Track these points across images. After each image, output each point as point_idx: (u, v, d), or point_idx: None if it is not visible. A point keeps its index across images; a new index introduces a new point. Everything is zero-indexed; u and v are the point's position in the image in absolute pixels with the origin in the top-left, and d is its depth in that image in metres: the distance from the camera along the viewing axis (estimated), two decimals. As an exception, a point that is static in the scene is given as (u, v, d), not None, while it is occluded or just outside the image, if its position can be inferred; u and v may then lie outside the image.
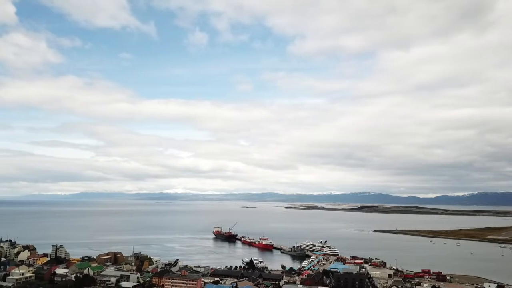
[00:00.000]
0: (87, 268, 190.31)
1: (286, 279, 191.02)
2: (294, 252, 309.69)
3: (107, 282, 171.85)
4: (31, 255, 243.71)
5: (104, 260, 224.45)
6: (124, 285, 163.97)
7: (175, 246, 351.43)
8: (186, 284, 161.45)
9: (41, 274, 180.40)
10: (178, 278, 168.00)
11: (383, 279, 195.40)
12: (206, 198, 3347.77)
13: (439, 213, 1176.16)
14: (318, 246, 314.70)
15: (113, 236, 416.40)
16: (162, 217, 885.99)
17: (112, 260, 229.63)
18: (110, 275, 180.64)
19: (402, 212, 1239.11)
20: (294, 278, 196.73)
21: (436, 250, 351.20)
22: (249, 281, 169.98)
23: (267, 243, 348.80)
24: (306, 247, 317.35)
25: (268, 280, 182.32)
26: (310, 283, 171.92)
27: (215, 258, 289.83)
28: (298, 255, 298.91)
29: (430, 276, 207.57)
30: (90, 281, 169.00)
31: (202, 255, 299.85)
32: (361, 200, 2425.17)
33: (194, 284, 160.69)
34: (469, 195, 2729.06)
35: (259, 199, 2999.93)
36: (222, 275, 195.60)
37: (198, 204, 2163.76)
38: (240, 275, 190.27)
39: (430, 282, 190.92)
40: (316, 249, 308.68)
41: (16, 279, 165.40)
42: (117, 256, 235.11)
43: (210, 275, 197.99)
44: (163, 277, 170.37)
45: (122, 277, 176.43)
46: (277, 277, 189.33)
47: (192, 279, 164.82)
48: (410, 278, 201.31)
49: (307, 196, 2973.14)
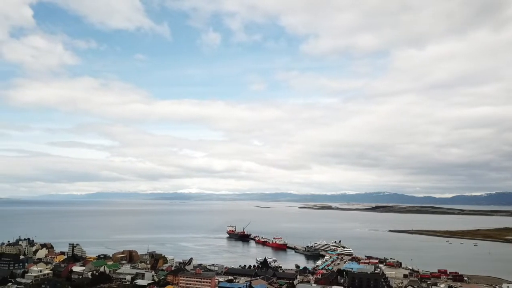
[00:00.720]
0: (103, 266, 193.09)
1: (300, 278, 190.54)
2: (308, 251, 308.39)
3: (122, 280, 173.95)
4: (48, 253, 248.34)
5: (119, 258, 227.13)
6: (139, 283, 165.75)
7: (189, 245, 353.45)
8: (200, 282, 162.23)
9: (59, 271, 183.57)
10: (192, 276, 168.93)
11: (399, 279, 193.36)
12: (219, 198, 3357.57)
13: (456, 213, 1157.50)
14: (332, 245, 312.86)
15: (128, 235, 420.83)
16: (176, 216, 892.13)
17: (127, 258, 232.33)
18: (126, 273, 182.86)
19: (418, 212, 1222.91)
20: (308, 277, 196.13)
21: (453, 250, 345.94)
22: (263, 280, 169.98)
23: (280, 242, 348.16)
24: (320, 247, 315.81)
25: (282, 279, 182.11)
26: (324, 282, 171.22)
27: (229, 257, 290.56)
28: (312, 255, 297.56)
29: (446, 276, 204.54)
30: (106, 278, 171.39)
31: (216, 254, 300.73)
32: (376, 200, 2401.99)
33: (208, 282, 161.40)
34: (486, 195, 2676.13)
35: (272, 199, 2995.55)
36: (236, 274, 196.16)
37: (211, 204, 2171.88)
38: (254, 274, 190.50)
39: (446, 283, 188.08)
40: (330, 249, 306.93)
41: (35, 276, 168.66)
42: (132, 255, 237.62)
43: (224, 273, 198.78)
44: (177, 275, 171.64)
45: (137, 275, 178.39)
46: (291, 276, 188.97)
47: (206, 277, 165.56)
48: (426, 278, 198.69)
49: (320, 196, 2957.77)
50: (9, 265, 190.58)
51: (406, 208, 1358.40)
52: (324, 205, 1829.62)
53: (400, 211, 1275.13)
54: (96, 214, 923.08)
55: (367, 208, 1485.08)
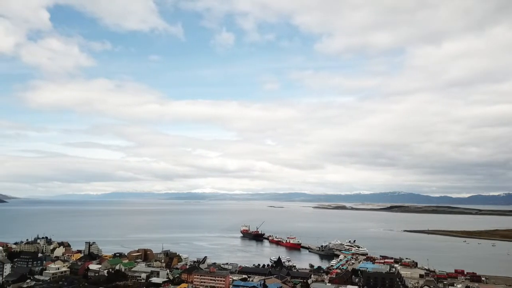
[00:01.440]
0: (119, 264, 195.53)
1: (314, 277, 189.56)
2: (322, 251, 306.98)
3: (138, 277, 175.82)
4: (66, 251, 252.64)
5: (135, 257, 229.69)
6: (154, 281, 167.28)
7: (203, 244, 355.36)
8: (214, 280, 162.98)
9: (76, 269, 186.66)
10: (206, 274, 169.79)
11: (414, 279, 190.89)
12: (233, 197, 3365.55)
13: (473, 213, 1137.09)
14: (346, 245, 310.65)
15: (143, 234, 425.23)
16: (191, 216, 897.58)
17: (142, 257, 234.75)
18: (141, 271, 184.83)
19: (434, 212, 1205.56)
20: (322, 276, 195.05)
21: (470, 251, 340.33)
22: (277, 279, 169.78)
23: (294, 242, 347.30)
24: (335, 247, 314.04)
25: (296, 278, 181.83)
26: (339, 281, 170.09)
27: (242, 256, 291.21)
28: (326, 254, 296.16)
29: (464, 276, 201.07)
30: (122, 276, 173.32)
31: (230, 253, 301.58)
32: (391, 200, 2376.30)
33: (222, 280, 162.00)
34: (505, 194, 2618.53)
35: (286, 199, 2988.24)
36: (250, 273, 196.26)
37: (225, 204, 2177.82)
38: (268, 273, 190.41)
39: (464, 283, 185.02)
40: (344, 249, 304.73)
41: (52, 273, 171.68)
42: (147, 253, 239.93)
43: (238, 272, 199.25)
44: (192, 274, 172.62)
45: (152, 273, 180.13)
46: (305, 275, 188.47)
47: (220, 275, 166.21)
48: (443, 278, 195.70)
49: (335, 196, 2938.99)
50: (27, 263, 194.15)
51: (422, 208, 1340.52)
52: (338, 205, 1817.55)
53: (416, 211, 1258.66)
54: (111, 214, 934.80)
55: (382, 208, 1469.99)
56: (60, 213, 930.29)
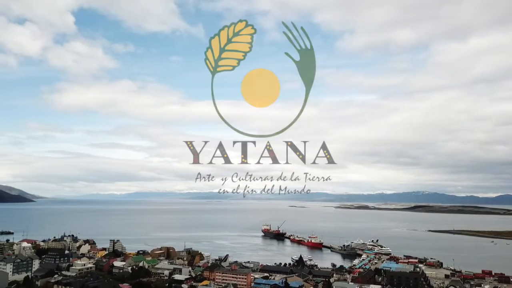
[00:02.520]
0: (142, 261, 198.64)
1: (336, 277, 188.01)
2: (345, 250, 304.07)
3: (161, 274, 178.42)
4: (91, 248, 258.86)
5: (157, 254, 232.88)
6: (177, 278, 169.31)
7: (224, 243, 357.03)
8: (236, 278, 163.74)
9: (101, 265, 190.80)
10: (228, 272, 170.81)
11: (440, 279, 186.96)
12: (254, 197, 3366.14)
13: (501, 213, 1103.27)
14: (369, 245, 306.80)
15: (165, 233, 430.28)
16: (212, 215, 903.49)
17: (165, 254, 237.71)
18: (164, 268, 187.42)
19: (460, 212, 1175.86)
20: (344, 276, 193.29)
21: (498, 251, 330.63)
22: (299, 277, 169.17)
23: (316, 241, 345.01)
24: (357, 246, 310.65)
25: (318, 277, 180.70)
26: (362, 281, 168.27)
27: (264, 255, 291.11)
28: (348, 254, 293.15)
29: (491, 277, 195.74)
30: (145, 273, 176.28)
31: (251, 252, 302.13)
32: (415, 199, 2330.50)
33: (244, 278, 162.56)
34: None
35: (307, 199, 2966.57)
36: (272, 271, 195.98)
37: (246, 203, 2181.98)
38: (290, 271, 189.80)
39: (491, 284, 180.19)
40: (367, 248, 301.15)
41: (79, 269, 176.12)
42: (170, 251, 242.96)
43: (260, 270, 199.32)
44: (213, 271, 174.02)
45: (175, 270, 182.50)
46: (327, 274, 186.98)
47: (242, 273, 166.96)
48: (469, 279, 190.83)
49: (357, 196, 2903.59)
50: (55, 259, 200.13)
51: (447, 208, 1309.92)
52: (360, 204, 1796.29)
53: (441, 211, 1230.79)
54: (135, 213, 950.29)
55: (405, 208, 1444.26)
56: (86, 212, 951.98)
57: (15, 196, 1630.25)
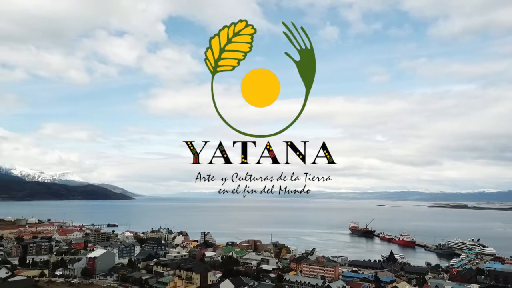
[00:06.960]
0: (231, 252, 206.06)
1: (431, 275, 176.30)
2: (440, 250, 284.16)
3: (249, 264, 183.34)
4: (184, 239, 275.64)
5: (245, 246, 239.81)
6: (264, 267, 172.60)
7: (311, 239, 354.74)
8: (323, 270, 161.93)
9: (193, 254, 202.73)
10: (315, 264, 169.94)
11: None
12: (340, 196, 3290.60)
13: None
14: (469, 244, 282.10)
15: (252, 228, 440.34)
16: (298, 213, 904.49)
17: (252, 247, 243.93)
18: (252, 258, 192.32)
19: None
20: (441, 274, 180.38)
21: None
22: (390, 272, 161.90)
23: (408, 239, 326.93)
24: (455, 245, 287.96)
25: (411, 273, 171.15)
26: (461, 280, 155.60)
27: (352, 251, 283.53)
28: (444, 253, 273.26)
29: None
30: (235, 262, 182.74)
31: (338, 248, 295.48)
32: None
33: (332, 270, 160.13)
34: None
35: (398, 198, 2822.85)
36: (360, 266, 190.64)
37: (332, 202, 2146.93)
38: (380, 267, 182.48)
39: None
40: (467, 248, 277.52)
41: (174, 256, 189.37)
42: (257, 244, 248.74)
43: (348, 265, 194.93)
44: (300, 263, 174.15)
45: (262, 261, 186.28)
46: (422, 271, 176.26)
47: (329, 265, 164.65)
48: None
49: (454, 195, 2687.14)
50: (153, 247, 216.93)
51: None
52: (458, 204, 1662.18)
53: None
54: (223, 210, 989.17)
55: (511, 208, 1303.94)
56: (179, 208, 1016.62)
57: (118, 194, 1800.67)
